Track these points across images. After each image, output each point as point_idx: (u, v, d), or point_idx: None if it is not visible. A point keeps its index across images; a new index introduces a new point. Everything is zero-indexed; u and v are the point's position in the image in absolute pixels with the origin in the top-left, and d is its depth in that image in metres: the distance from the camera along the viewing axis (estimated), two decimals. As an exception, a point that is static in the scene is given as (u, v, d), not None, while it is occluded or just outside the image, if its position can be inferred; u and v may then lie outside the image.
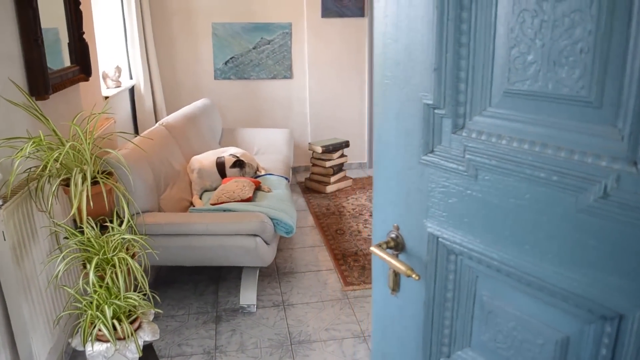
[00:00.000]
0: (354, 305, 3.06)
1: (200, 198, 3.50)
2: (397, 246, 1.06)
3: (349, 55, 5.45)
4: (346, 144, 5.15)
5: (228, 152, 3.77)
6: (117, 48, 4.56)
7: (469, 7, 0.81)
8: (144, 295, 1.97)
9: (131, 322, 1.95)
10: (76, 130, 2.17)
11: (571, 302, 0.76)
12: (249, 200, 3.23)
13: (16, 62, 2.31)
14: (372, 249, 1.05)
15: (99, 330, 1.85)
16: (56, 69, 2.68)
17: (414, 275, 0.95)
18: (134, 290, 2.03)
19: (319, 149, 4.94)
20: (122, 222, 2.16)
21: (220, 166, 3.59)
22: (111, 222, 2.13)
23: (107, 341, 1.88)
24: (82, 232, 2.04)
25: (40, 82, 2.41)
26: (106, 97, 3.79)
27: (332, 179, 5.01)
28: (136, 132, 4.65)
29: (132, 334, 1.90)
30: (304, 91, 5.51)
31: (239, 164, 3.62)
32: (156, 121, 4.80)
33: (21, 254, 2.07)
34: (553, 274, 0.77)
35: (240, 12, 5.18)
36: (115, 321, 1.86)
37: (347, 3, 5.26)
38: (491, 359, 0.94)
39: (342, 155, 5.15)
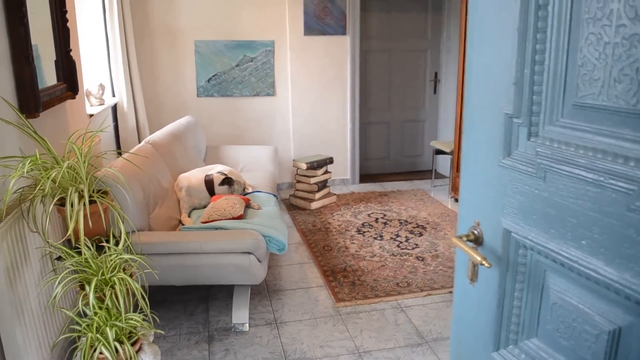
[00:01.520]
0: (347, 322, 3.05)
1: (189, 216, 3.47)
2: (476, 240, 1.17)
3: (332, 73, 5.51)
4: (330, 161, 5.18)
5: (215, 170, 3.76)
6: (100, 65, 4.51)
7: (545, 29, 0.91)
8: (145, 315, 1.93)
9: (132, 344, 1.91)
10: (69, 149, 2.13)
11: (622, 295, 0.83)
12: (240, 217, 3.21)
13: (6, 80, 2.26)
14: (453, 239, 1.17)
15: (100, 353, 1.81)
16: (41, 87, 2.63)
17: (485, 263, 1.06)
18: (132, 311, 1.99)
19: (304, 166, 4.95)
20: (117, 241, 2.13)
21: (209, 184, 3.57)
22: (107, 241, 2.09)
23: (107, 364, 1.84)
24: (78, 253, 2.00)
25: (31, 100, 2.36)
26: (91, 115, 3.74)
27: (317, 195, 5.02)
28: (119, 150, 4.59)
29: (134, 356, 1.86)
30: (287, 108, 5.54)
31: (227, 181, 3.60)
32: (139, 139, 4.75)
33: (14, 276, 2.02)
34: (606, 267, 0.85)
35: (223, 30, 5.20)
36: (116, 343, 1.82)
37: (329, 21, 5.33)
38: (554, 348, 1.01)
39: (326, 172, 5.17)
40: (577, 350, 0.95)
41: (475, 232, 1.17)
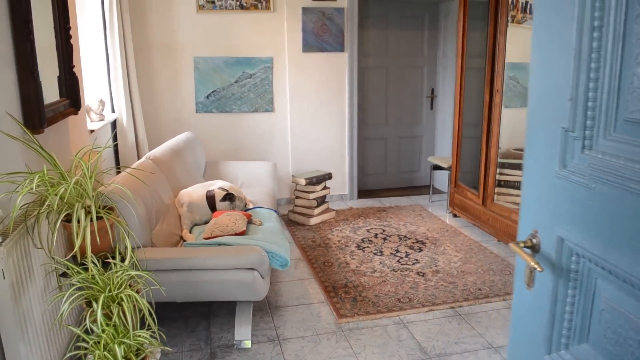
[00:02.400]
0: (350, 338, 3.04)
1: (190, 232, 3.45)
2: (533, 247, 1.23)
3: (330, 89, 5.55)
4: (329, 176, 5.19)
5: (216, 186, 3.75)
6: (100, 81, 4.52)
7: (599, 49, 0.98)
8: (152, 332, 1.92)
9: (139, 362, 1.90)
10: (73, 165, 2.13)
11: None
12: (242, 233, 3.20)
13: (12, 96, 2.26)
14: (511, 245, 1.24)
15: (107, 370, 1.79)
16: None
17: (537, 267, 1.12)
18: (138, 328, 1.97)
19: (303, 182, 4.96)
20: (122, 257, 2.12)
21: (211, 200, 3.56)
22: (112, 257, 2.08)
23: (114, 382, 1.82)
24: (84, 269, 1.98)
25: (36, 116, 2.36)
26: (91, 131, 3.74)
27: (316, 211, 5.02)
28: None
29: (141, 374, 1.84)
30: (286, 124, 5.56)
31: (229, 197, 3.60)
32: (138, 155, 4.75)
33: (19, 292, 2.00)
34: None
35: (222, 46, 5.23)
36: (124, 361, 1.81)
37: (328, 38, 5.38)
38: (602, 353, 1.05)
39: (325, 187, 5.18)
40: (622, 356, 0.98)
41: (534, 240, 1.23)
